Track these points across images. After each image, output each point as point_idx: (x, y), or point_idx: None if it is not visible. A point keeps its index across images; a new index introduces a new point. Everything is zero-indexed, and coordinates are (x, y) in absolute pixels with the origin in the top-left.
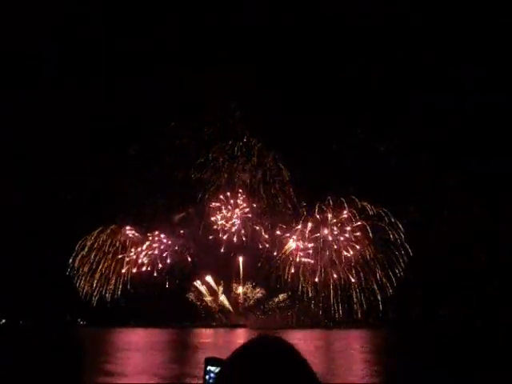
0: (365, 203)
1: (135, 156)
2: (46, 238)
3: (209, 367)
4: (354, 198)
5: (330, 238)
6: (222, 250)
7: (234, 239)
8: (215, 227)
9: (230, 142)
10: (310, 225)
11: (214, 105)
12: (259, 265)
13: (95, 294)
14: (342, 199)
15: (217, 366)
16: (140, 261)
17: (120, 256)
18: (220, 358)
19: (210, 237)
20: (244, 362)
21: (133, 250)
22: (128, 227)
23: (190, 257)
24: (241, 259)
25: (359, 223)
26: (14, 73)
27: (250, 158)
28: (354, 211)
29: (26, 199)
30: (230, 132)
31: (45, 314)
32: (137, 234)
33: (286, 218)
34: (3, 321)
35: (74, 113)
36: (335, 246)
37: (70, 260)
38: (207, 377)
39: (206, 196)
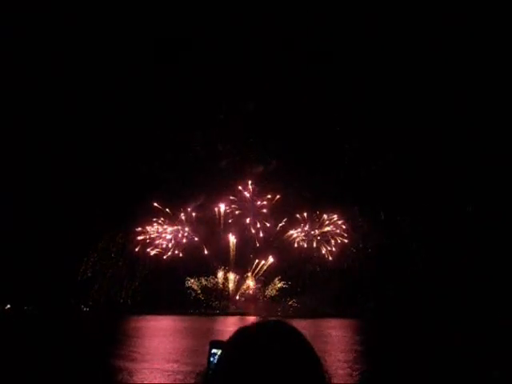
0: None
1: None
2: (58, 234)
3: (213, 350)
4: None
5: (339, 241)
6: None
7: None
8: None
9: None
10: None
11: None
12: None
13: (105, 295)
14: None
15: (220, 349)
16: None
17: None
18: (224, 341)
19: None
20: (243, 343)
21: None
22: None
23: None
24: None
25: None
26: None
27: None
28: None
29: (46, 198)
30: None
31: (48, 300)
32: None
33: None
34: (8, 306)
35: (87, 115)
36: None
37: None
38: (211, 359)
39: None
